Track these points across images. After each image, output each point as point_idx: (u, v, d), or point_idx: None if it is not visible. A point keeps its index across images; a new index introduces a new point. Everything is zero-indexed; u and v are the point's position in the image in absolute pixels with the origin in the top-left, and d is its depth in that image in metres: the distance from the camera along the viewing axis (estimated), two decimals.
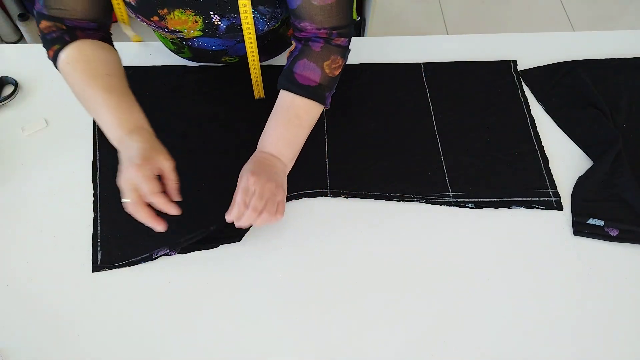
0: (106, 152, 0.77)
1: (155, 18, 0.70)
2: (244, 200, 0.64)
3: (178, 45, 0.84)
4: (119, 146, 0.64)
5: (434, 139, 0.80)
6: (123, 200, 0.60)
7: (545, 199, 0.74)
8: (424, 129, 0.81)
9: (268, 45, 0.83)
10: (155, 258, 0.68)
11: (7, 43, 1.79)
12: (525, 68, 0.89)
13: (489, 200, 0.74)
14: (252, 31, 0.73)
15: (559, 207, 0.74)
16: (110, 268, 0.67)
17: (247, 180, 0.65)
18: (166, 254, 0.68)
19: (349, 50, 0.73)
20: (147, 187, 0.59)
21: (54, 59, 0.68)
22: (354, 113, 0.83)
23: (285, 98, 0.71)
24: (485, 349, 0.63)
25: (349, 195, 0.74)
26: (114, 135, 0.65)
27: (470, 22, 2.01)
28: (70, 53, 0.67)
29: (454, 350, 0.63)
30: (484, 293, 0.67)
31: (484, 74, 0.88)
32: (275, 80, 0.72)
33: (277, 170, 0.69)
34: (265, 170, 0.67)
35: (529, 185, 0.75)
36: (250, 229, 0.71)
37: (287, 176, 0.71)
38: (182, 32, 0.72)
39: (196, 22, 0.70)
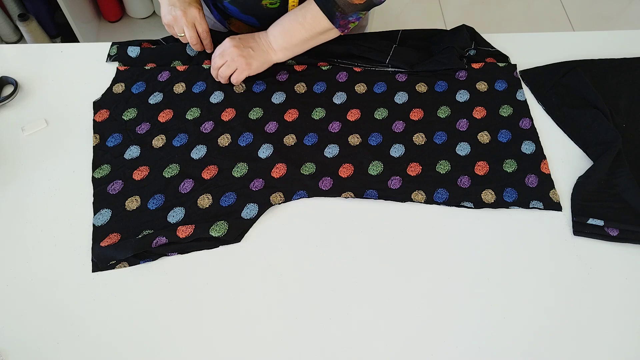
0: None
1: None
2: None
3: None
4: None
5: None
6: (180, 34, 0.78)
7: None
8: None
9: None
10: (155, 248, 0.67)
11: (7, 43, 1.79)
12: (525, 68, 0.89)
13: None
14: None
15: (559, 207, 0.74)
16: (110, 268, 0.67)
17: (225, 41, 0.78)
18: (166, 255, 0.68)
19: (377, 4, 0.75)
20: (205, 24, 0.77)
21: None
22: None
23: (306, 1, 0.77)
24: (485, 348, 0.63)
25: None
26: None
27: (470, 22, 1.99)
28: None
29: (454, 350, 0.63)
30: (483, 293, 0.67)
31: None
32: None
33: (256, 45, 0.78)
34: (245, 40, 0.78)
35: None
36: (250, 229, 0.71)
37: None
38: None
39: None
